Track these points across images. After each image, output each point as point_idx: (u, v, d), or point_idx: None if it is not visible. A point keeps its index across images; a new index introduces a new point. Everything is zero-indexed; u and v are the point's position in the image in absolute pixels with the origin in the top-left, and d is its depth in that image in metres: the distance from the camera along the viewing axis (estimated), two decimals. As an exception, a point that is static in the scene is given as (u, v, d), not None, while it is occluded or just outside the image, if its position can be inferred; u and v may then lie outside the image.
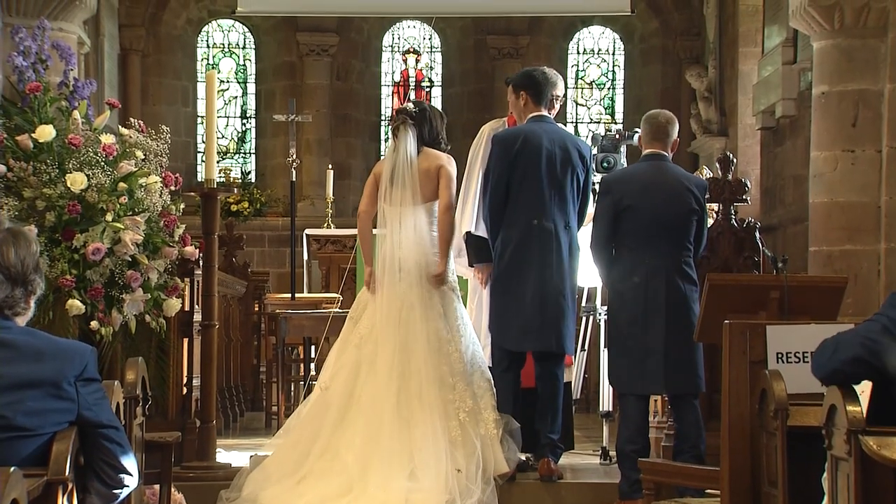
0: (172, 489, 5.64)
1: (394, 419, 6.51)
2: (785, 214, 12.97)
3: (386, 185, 6.90)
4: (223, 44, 17.91)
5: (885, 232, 9.08)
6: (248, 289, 11.44)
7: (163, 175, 6.61)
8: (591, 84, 18.02)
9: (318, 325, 9.02)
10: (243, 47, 17.90)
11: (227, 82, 17.74)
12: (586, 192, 7.09)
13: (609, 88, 18.03)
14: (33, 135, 6.38)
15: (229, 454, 7.60)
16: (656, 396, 7.17)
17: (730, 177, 7.19)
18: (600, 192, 6.77)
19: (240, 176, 17.55)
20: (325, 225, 12.56)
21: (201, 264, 7.05)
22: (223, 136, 17.64)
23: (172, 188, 6.68)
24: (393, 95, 17.93)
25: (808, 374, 4.07)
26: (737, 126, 14.86)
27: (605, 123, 16.73)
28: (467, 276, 7.38)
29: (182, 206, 6.75)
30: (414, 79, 18.04)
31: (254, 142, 17.86)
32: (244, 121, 17.87)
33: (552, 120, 7.15)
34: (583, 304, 8.06)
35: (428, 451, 6.41)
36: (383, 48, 18.02)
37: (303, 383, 9.27)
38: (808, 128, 10.03)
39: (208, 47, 17.87)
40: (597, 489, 6.88)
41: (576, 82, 17.88)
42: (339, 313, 8.10)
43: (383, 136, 17.64)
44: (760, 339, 4.90)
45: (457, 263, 7.12)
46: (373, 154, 17.47)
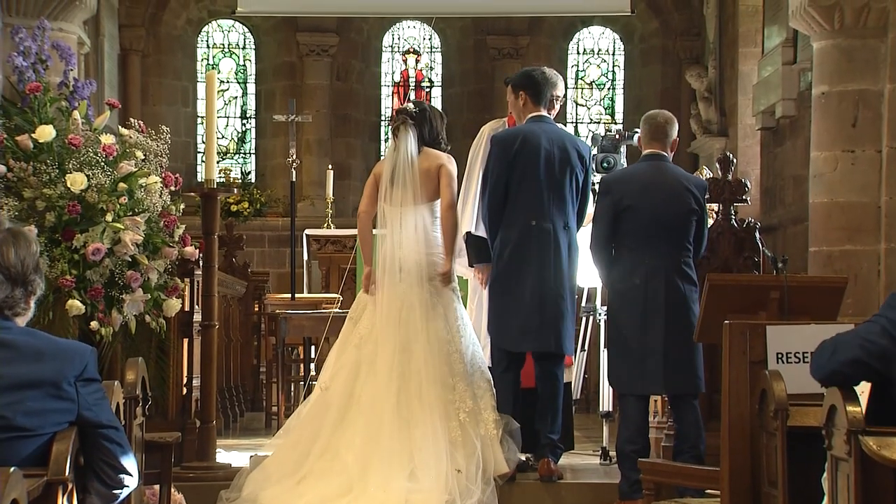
0: (172, 489, 5.64)
1: (394, 419, 6.51)
2: (785, 215, 12.97)
3: (386, 185, 6.89)
4: (223, 44, 17.90)
5: (885, 232, 9.08)
6: (248, 289, 11.43)
7: (163, 175, 6.60)
8: (590, 84, 18.02)
9: (318, 325, 9.02)
10: (243, 47, 17.90)
11: (227, 82, 17.74)
12: (586, 193, 7.08)
13: (609, 89, 18.03)
14: (33, 135, 6.37)
15: (229, 454, 7.60)
16: (656, 397, 7.16)
17: (730, 177, 7.19)
18: (600, 193, 6.77)
19: (240, 176, 17.55)
20: (325, 225, 12.57)
21: (201, 264, 7.05)
22: (223, 137, 17.64)
23: (172, 188, 6.68)
24: (393, 96, 17.92)
25: (807, 375, 4.07)
26: (737, 126, 14.85)
27: (604, 124, 16.72)
28: (467, 277, 7.37)
29: (182, 206, 6.74)
30: (414, 79, 18.04)
31: (254, 142, 17.86)
32: (244, 121, 17.86)
33: (551, 120, 7.14)
34: (583, 304, 8.06)
35: (428, 452, 6.40)
36: (383, 48, 18.02)
37: (303, 383, 9.27)
38: (808, 128, 10.02)
39: (208, 47, 17.86)
40: (597, 489, 6.87)
41: (576, 82, 17.88)
42: (339, 313, 8.09)
43: (383, 137, 17.64)
44: (760, 339, 4.90)
45: (457, 263, 7.12)
46: (373, 154, 17.47)
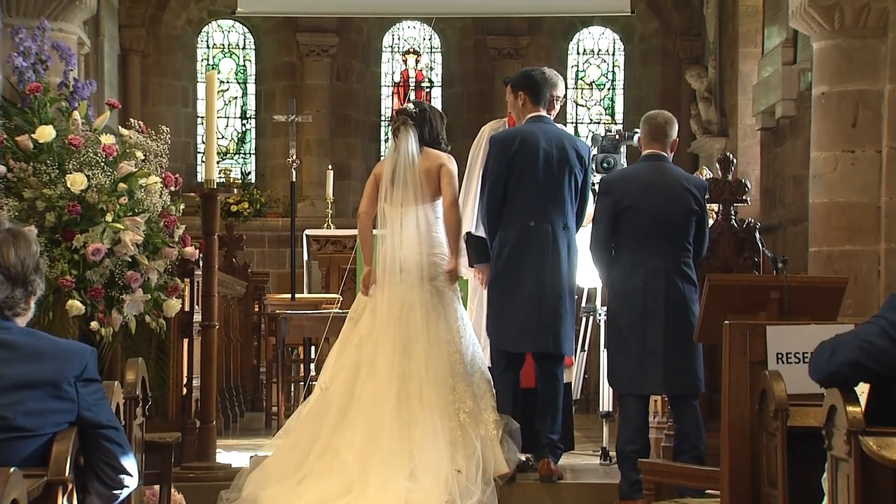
0: (172, 490, 5.64)
1: (394, 419, 6.51)
2: (785, 215, 12.97)
3: (387, 185, 6.89)
4: (223, 44, 17.91)
5: (885, 232, 9.08)
6: (248, 289, 11.43)
7: (163, 175, 6.60)
8: (590, 84, 18.02)
9: (318, 325, 9.03)
10: (243, 48, 17.90)
11: (227, 83, 17.74)
12: (585, 193, 7.08)
13: (609, 89, 18.03)
14: (33, 135, 6.37)
15: (229, 455, 7.60)
16: (656, 397, 7.16)
17: (730, 177, 7.19)
18: (600, 193, 6.77)
19: (240, 176, 17.55)
20: (325, 225, 12.57)
21: (201, 265, 7.05)
22: (223, 137, 17.64)
23: (172, 189, 6.68)
24: (393, 96, 17.93)
25: (807, 375, 4.07)
26: (737, 126, 14.85)
27: (604, 124, 16.77)
28: (467, 277, 7.37)
29: (182, 206, 6.74)
30: (414, 79, 18.04)
31: (254, 142, 17.86)
32: (244, 121, 17.86)
33: (550, 120, 7.13)
34: (583, 304, 8.06)
35: (428, 452, 6.40)
36: (383, 49, 18.02)
37: (303, 384, 9.27)
38: (808, 128, 10.02)
39: (208, 48, 17.86)
40: (597, 489, 6.87)
41: (576, 83, 17.88)
42: (339, 314, 8.09)
43: (383, 137, 17.64)
44: (760, 339, 4.90)
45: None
46: (373, 154, 17.46)
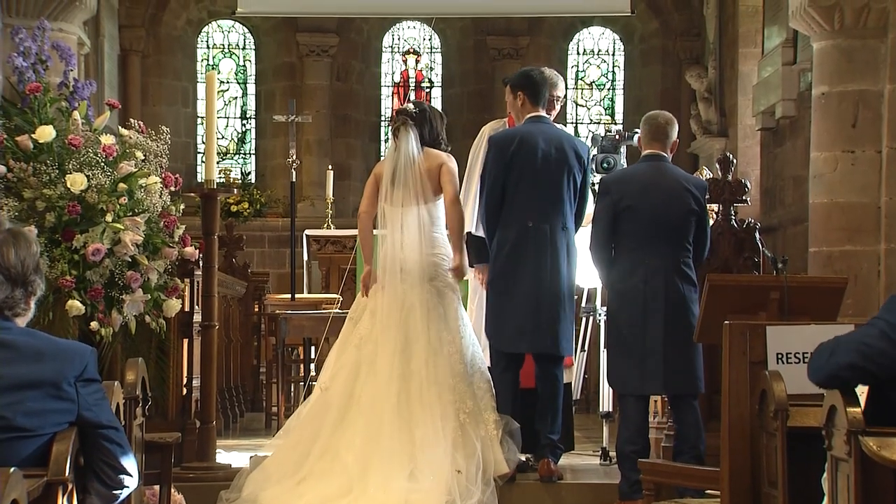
0: (172, 490, 5.64)
1: (394, 420, 6.51)
2: (785, 215, 12.97)
3: (387, 185, 6.89)
4: (223, 44, 17.90)
5: (885, 232, 9.08)
6: (248, 289, 11.43)
7: (163, 176, 6.60)
8: (590, 85, 18.02)
9: (318, 325, 9.02)
10: (243, 48, 17.90)
11: (227, 83, 17.74)
12: (584, 193, 7.07)
13: (609, 89, 18.03)
14: (33, 135, 6.37)
15: (229, 455, 7.60)
16: (656, 397, 7.16)
17: (730, 177, 7.19)
18: (600, 193, 6.76)
19: (240, 176, 17.55)
20: (325, 225, 12.57)
21: (201, 265, 7.05)
22: (223, 137, 17.64)
23: (172, 189, 6.68)
24: (393, 96, 17.93)
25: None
26: (737, 127, 14.85)
27: (604, 124, 16.79)
28: (468, 277, 7.37)
29: (182, 206, 6.74)
30: (414, 79, 18.04)
31: (254, 142, 17.86)
32: (244, 121, 17.86)
33: (549, 120, 7.12)
34: (582, 304, 8.06)
35: (428, 452, 6.40)
36: (383, 49, 18.02)
37: (303, 384, 9.27)
38: (808, 128, 10.02)
39: (208, 48, 17.86)
40: (597, 490, 6.87)
41: (576, 83, 17.88)
42: (339, 314, 8.09)
43: (383, 137, 17.64)
44: (760, 339, 4.90)
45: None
46: (373, 154, 17.47)
